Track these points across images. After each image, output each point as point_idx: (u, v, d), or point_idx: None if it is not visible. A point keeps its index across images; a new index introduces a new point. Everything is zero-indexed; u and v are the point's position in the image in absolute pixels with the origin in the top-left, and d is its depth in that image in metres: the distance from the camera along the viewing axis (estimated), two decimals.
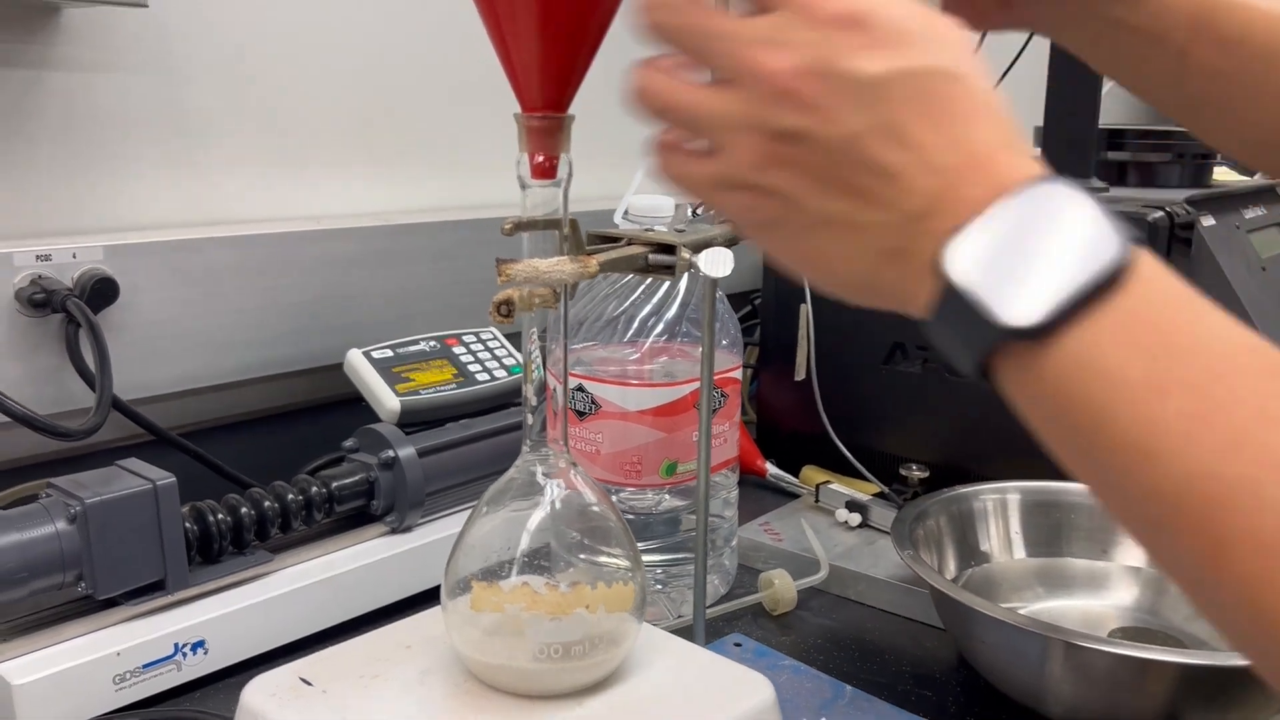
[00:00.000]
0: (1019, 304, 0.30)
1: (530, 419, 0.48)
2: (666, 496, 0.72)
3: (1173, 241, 0.80)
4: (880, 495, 0.85)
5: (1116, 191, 0.94)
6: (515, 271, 0.44)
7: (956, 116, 0.32)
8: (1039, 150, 0.99)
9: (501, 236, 0.45)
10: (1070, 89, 0.94)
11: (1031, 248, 0.30)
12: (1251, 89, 0.47)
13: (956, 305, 0.31)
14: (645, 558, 0.72)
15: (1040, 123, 1.00)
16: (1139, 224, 0.79)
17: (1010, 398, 0.32)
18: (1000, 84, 1.25)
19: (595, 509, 0.49)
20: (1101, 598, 0.70)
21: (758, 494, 0.92)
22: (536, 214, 0.45)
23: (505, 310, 0.44)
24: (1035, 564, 0.72)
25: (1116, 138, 1.04)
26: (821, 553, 0.77)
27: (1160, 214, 0.79)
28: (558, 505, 0.48)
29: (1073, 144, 0.95)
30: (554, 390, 0.49)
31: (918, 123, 0.32)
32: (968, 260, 0.30)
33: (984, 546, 0.73)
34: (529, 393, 0.47)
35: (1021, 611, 0.69)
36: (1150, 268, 0.30)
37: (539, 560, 0.47)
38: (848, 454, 0.88)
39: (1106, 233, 0.30)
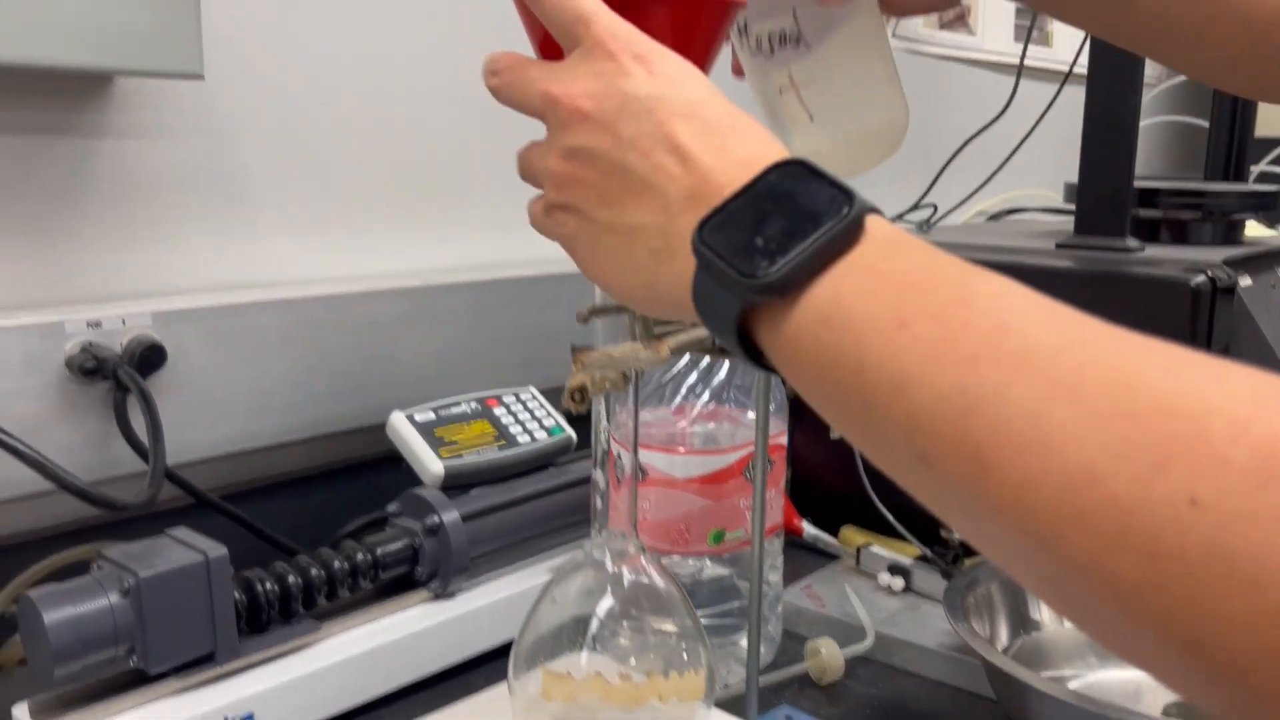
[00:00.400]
0: (762, 265, 0.33)
1: (599, 503, 0.47)
2: (709, 563, 0.72)
3: (1215, 303, 0.80)
4: (922, 558, 0.85)
5: (1152, 250, 0.94)
6: (591, 360, 0.44)
7: (717, 130, 0.36)
8: (1075, 207, 0.99)
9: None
10: (1104, 147, 0.95)
11: (771, 216, 0.33)
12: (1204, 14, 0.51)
13: (710, 277, 0.34)
14: None
15: (1074, 179, 1.00)
16: (1182, 289, 0.79)
17: (775, 364, 0.35)
18: (1030, 138, 1.26)
19: (664, 594, 0.48)
20: None
21: (795, 554, 0.92)
22: (609, 300, 0.45)
23: (579, 397, 0.44)
24: None
25: (1149, 196, 1.05)
26: (866, 619, 0.76)
27: (1203, 278, 0.79)
28: (627, 590, 0.48)
29: (1107, 201, 0.95)
30: (626, 469, 0.49)
31: (684, 132, 0.36)
32: (716, 235, 0.34)
33: (1035, 615, 0.72)
34: (598, 478, 0.47)
35: (1073, 683, 0.68)
36: (882, 226, 0.34)
37: (610, 647, 0.47)
38: (888, 514, 0.87)
39: (839, 198, 0.33)
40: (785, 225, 0.33)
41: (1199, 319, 0.78)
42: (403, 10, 0.88)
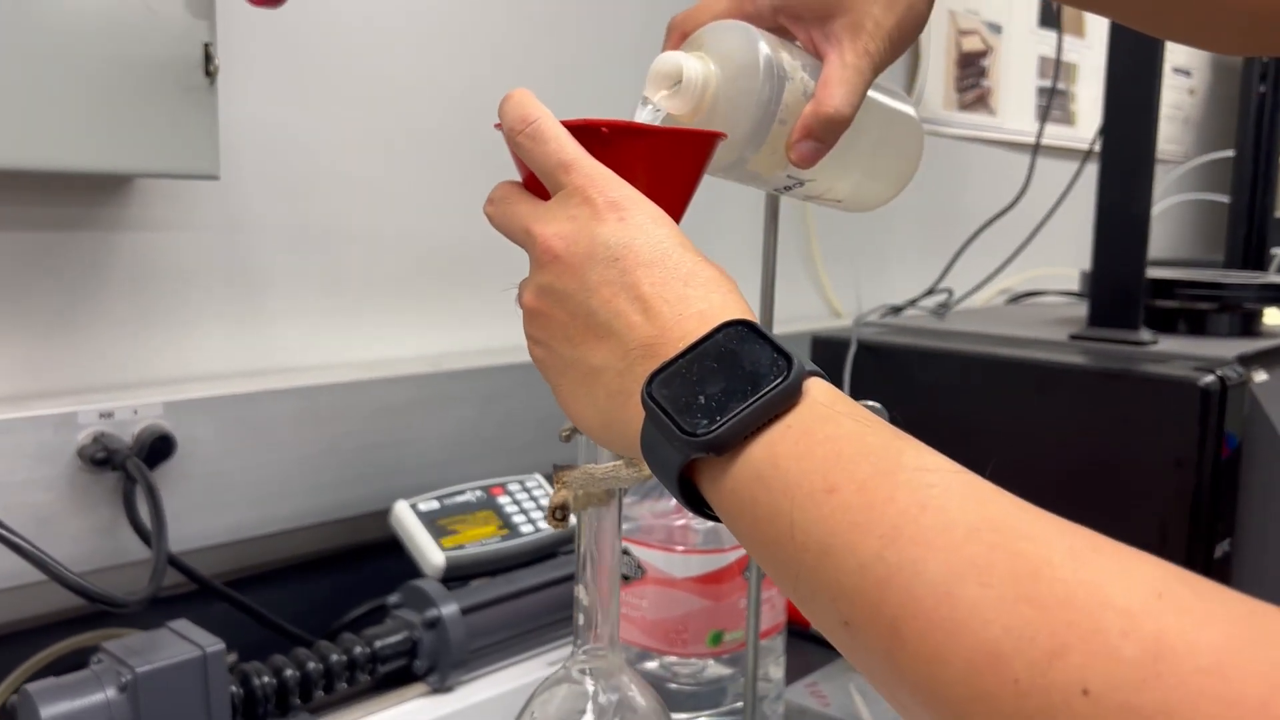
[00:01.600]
0: (702, 423, 0.34)
1: (581, 619, 0.48)
2: (711, 663, 0.71)
3: (1226, 402, 0.79)
4: None
5: (1166, 343, 0.94)
6: (571, 479, 0.44)
7: (679, 279, 0.38)
8: (1088, 299, 0.99)
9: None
10: (1117, 240, 0.95)
11: (714, 375, 0.35)
12: None
13: (656, 429, 0.35)
14: None
15: (1087, 267, 1.00)
16: (1191, 389, 0.78)
17: (718, 511, 0.35)
18: (1054, 216, 1.26)
19: (644, 711, 0.48)
20: None
21: (803, 647, 0.90)
22: None
23: (560, 515, 0.44)
24: None
25: (1165, 287, 1.04)
26: (868, 718, 0.75)
27: (1212, 378, 0.78)
28: (606, 709, 0.48)
29: (1120, 294, 0.95)
30: (608, 584, 0.49)
31: (646, 280, 0.37)
32: (663, 389, 0.35)
33: None
34: (580, 593, 0.47)
35: None
36: (821, 389, 0.35)
37: None
38: None
39: (781, 363, 0.34)
40: (725, 385, 0.34)
41: (1208, 418, 0.78)
42: (410, 111, 0.90)
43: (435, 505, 0.80)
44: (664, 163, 0.42)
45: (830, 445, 0.32)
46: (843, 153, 0.51)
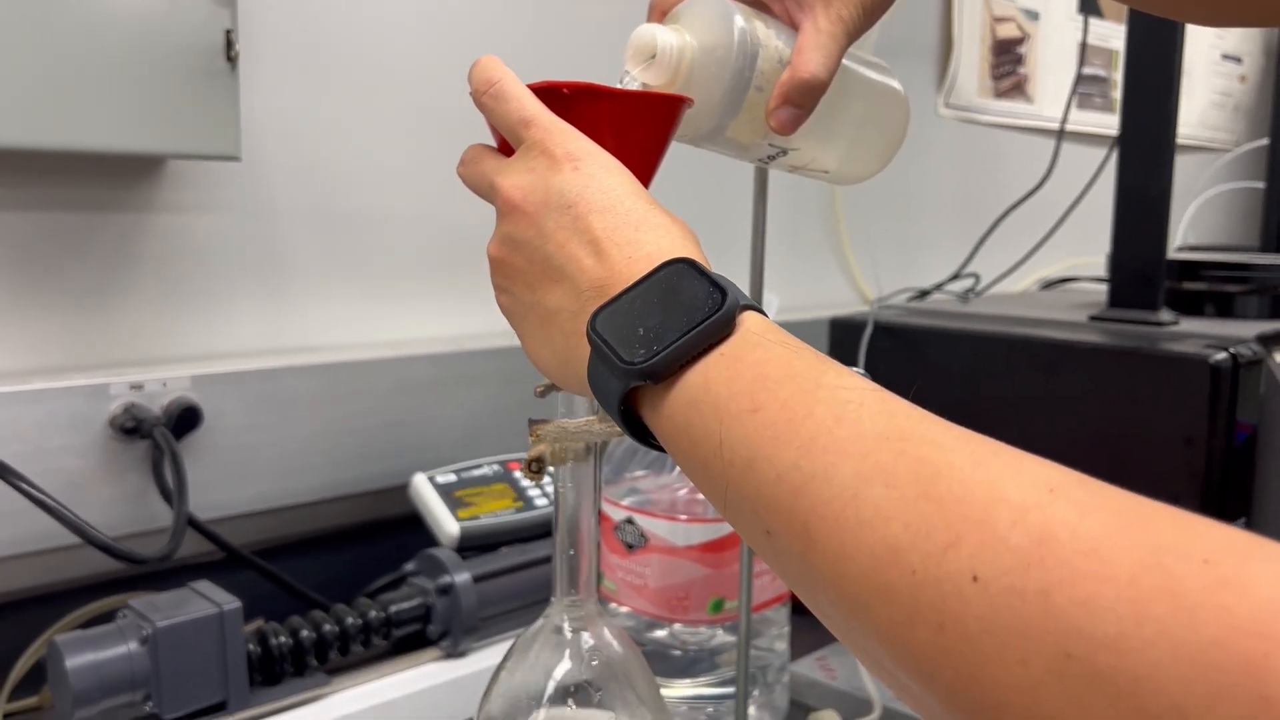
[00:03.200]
0: (640, 353, 0.36)
1: (561, 568, 0.49)
2: (720, 631, 0.73)
3: (1239, 380, 0.79)
4: None
5: (1188, 324, 0.93)
6: (545, 432, 0.46)
7: (630, 223, 0.39)
8: (1108, 280, 0.98)
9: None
10: (1137, 220, 0.94)
11: (653, 309, 0.37)
12: None
13: (599, 360, 0.37)
14: (698, 691, 0.72)
15: (1109, 252, 0.99)
16: (1201, 366, 0.78)
17: (659, 441, 0.38)
18: (1091, 204, 1.25)
19: (622, 662, 0.50)
20: None
21: (816, 624, 0.91)
22: None
23: (536, 468, 0.46)
24: None
25: (1191, 268, 1.03)
26: (875, 694, 0.76)
27: (1224, 355, 0.78)
28: (585, 658, 0.49)
29: (1140, 274, 0.95)
30: (586, 537, 0.51)
31: (599, 225, 0.39)
32: (606, 324, 0.37)
33: None
34: (558, 547, 0.49)
35: None
36: (756, 321, 0.36)
37: (564, 711, 0.49)
38: None
39: (716, 296, 0.36)
40: (664, 318, 0.36)
41: (1219, 396, 0.77)
42: (429, 94, 0.93)
43: (452, 478, 0.82)
44: (628, 125, 0.43)
45: (758, 369, 0.34)
46: (825, 123, 0.52)
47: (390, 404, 0.87)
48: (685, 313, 0.36)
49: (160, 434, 0.72)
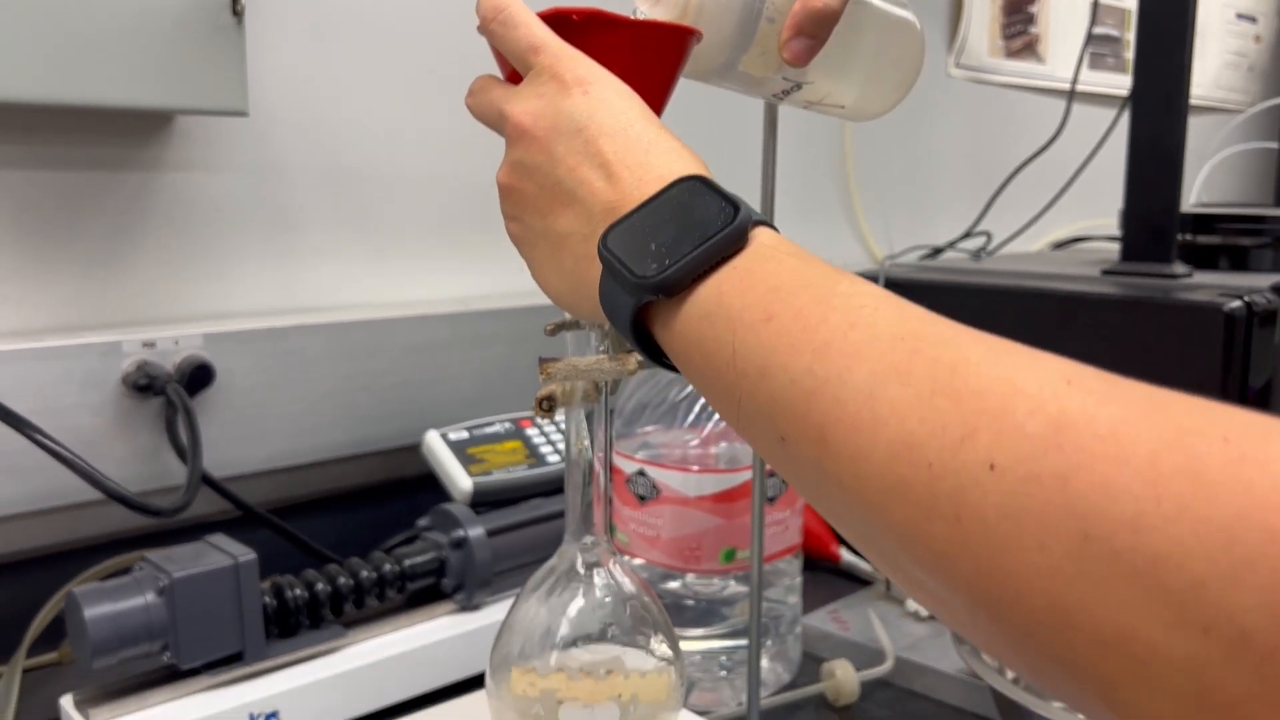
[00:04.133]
0: (652, 268, 0.36)
1: (574, 508, 0.50)
2: (732, 582, 0.73)
3: (1252, 329, 0.78)
4: None
5: (1202, 276, 0.92)
6: (555, 370, 0.46)
7: (640, 146, 0.39)
8: (1121, 234, 0.98)
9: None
10: (1149, 173, 0.93)
11: (665, 225, 0.37)
12: None
13: (611, 277, 0.37)
14: (710, 644, 0.72)
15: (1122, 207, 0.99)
16: (1214, 314, 0.77)
17: (670, 358, 0.38)
18: (1104, 166, 1.24)
19: (634, 597, 0.50)
20: None
21: (830, 580, 0.92)
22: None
23: (547, 406, 0.46)
24: None
25: (1205, 221, 1.03)
26: (888, 644, 0.76)
27: (1238, 303, 0.77)
28: (597, 593, 0.50)
29: (1152, 227, 0.94)
30: (599, 476, 0.51)
31: (609, 148, 0.39)
32: (618, 242, 0.37)
33: None
34: (570, 488, 0.49)
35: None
36: (767, 235, 0.37)
37: (577, 647, 0.49)
38: None
39: (728, 210, 0.36)
40: (676, 234, 0.36)
41: (1233, 345, 0.77)
42: (439, 53, 0.92)
43: (465, 435, 0.82)
44: (637, 55, 0.43)
45: (771, 280, 0.34)
46: (839, 56, 0.51)
47: (401, 363, 0.87)
48: (698, 227, 0.36)
49: (173, 390, 0.72)
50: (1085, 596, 0.24)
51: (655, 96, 0.44)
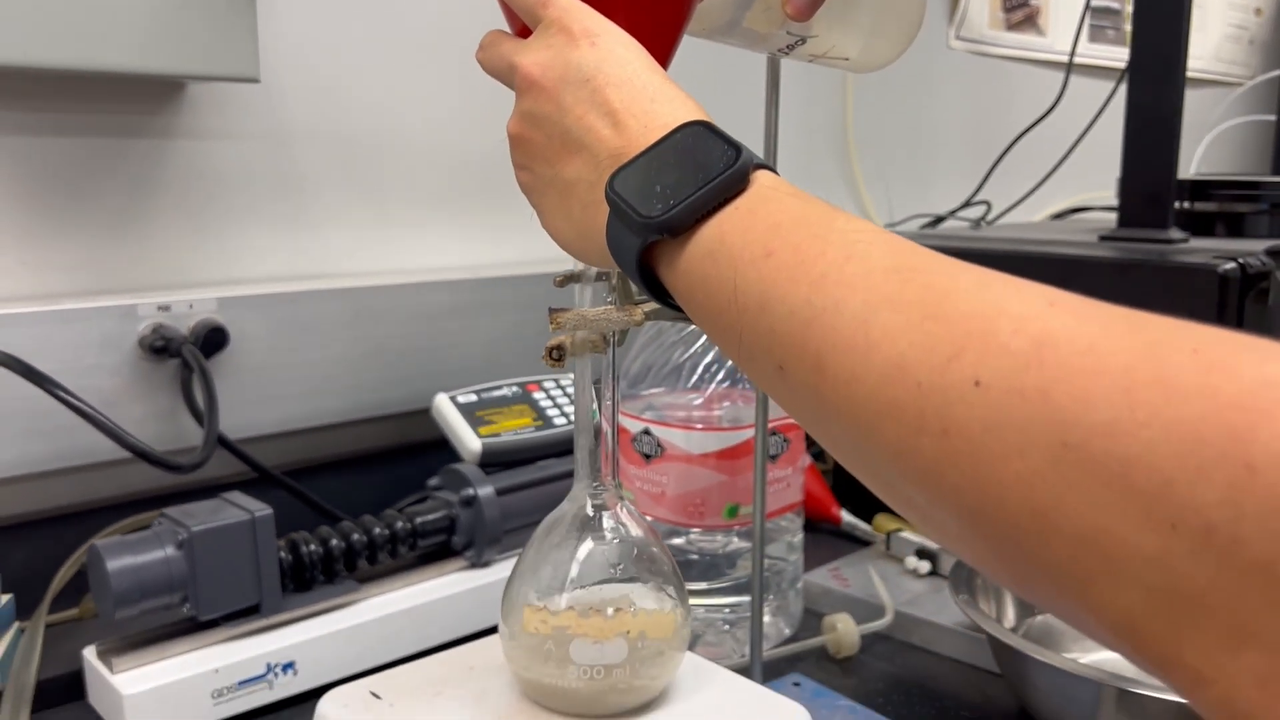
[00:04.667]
0: (657, 208, 0.37)
1: (583, 455, 0.51)
2: (735, 539, 0.75)
3: (1248, 291, 0.79)
4: None
5: (1198, 242, 0.93)
6: (565, 319, 0.47)
7: (646, 96, 0.41)
8: (1118, 201, 0.99)
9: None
10: (1146, 139, 0.94)
11: (670, 168, 0.38)
12: None
13: (618, 219, 0.39)
14: (713, 599, 0.74)
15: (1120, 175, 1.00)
16: (1210, 276, 0.78)
17: (674, 297, 0.39)
18: (1104, 138, 1.25)
19: (641, 541, 0.52)
20: None
21: (831, 541, 0.94)
22: (587, 267, 0.49)
23: (556, 355, 0.48)
24: None
25: (1202, 188, 1.04)
26: (887, 598, 0.78)
27: (1232, 265, 0.79)
28: (606, 535, 0.51)
29: (1149, 194, 0.95)
30: (606, 432, 0.53)
31: (616, 98, 0.41)
32: (624, 184, 0.39)
33: None
34: (578, 435, 0.51)
35: (1081, 661, 0.68)
36: (768, 178, 0.38)
37: (587, 587, 0.51)
38: None
39: (730, 153, 0.38)
40: (680, 176, 0.38)
41: (1227, 306, 0.78)
42: (450, 22, 0.93)
43: (473, 398, 0.84)
44: (643, 9, 0.44)
45: (771, 219, 0.36)
46: (841, 8, 0.53)
47: (410, 329, 0.89)
48: (701, 169, 0.37)
49: (189, 351, 0.74)
50: (1063, 500, 0.25)
51: (661, 50, 0.46)
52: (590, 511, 0.51)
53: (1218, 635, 0.23)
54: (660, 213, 0.37)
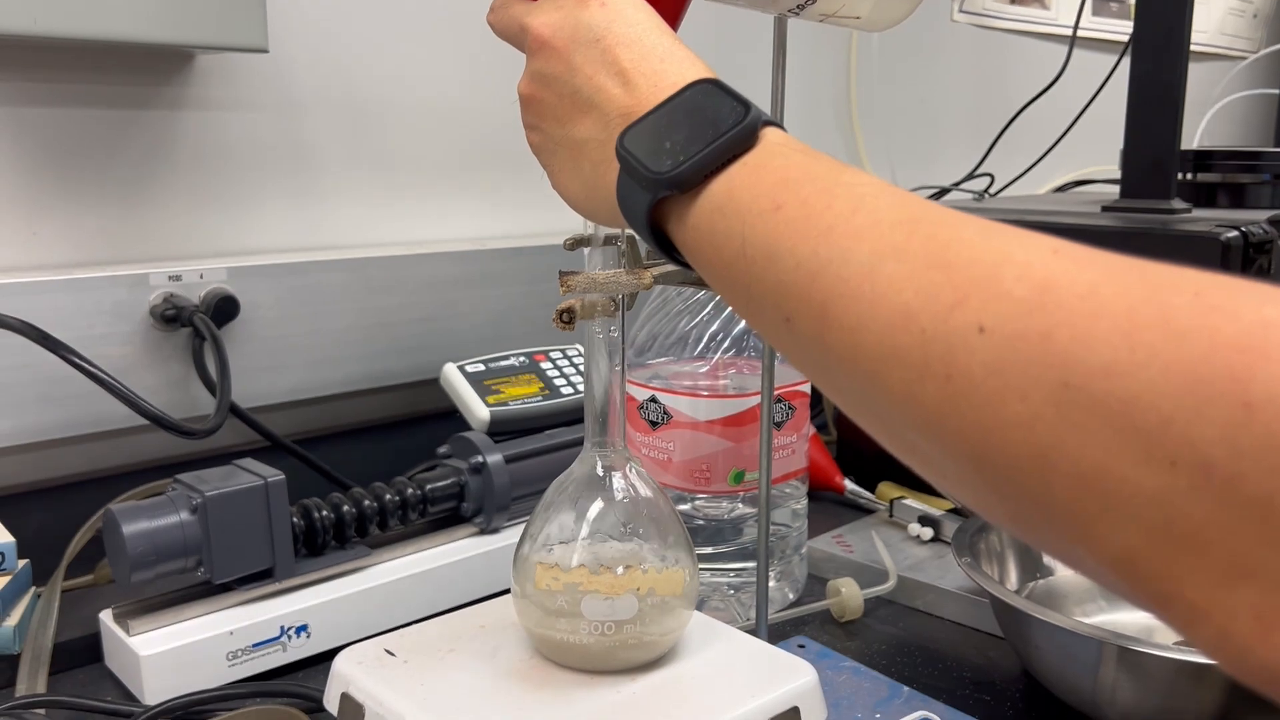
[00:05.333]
0: (666, 164, 0.38)
1: (591, 417, 0.52)
2: (740, 505, 0.76)
3: (1250, 260, 0.80)
4: (954, 511, 0.87)
5: (1200, 213, 0.94)
6: (575, 282, 0.48)
7: (655, 55, 0.41)
8: (1121, 172, 0.99)
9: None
10: (1149, 110, 0.95)
11: (679, 125, 0.39)
12: None
13: (628, 175, 0.39)
14: (718, 564, 0.75)
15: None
16: (1212, 243, 0.79)
17: (683, 252, 0.40)
18: (1108, 112, 1.25)
19: (650, 500, 0.53)
20: None
21: (835, 509, 0.95)
22: (597, 231, 0.50)
23: (566, 318, 0.49)
24: None
25: (1205, 159, 1.04)
26: (890, 564, 0.79)
27: (1235, 234, 0.79)
28: (615, 494, 0.52)
29: (1152, 164, 0.95)
30: (615, 387, 0.53)
31: (626, 57, 0.41)
32: (635, 142, 0.39)
33: (1047, 560, 0.74)
34: (589, 397, 0.52)
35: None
36: (776, 135, 0.39)
37: (597, 545, 0.52)
38: None
39: (738, 110, 0.38)
40: (689, 132, 0.38)
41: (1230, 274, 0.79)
42: None
43: (481, 367, 0.85)
44: None
45: (779, 174, 0.36)
46: None
47: (418, 300, 0.90)
48: (710, 126, 0.38)
49: (200, 320, 0.75)
50: (1064, 440, 0.26)
51: (670, 12, 0.46)
52: (600, 472, 0.52)
53: (1216, 571, 0.24)
54: (670, 168, 0.38)
